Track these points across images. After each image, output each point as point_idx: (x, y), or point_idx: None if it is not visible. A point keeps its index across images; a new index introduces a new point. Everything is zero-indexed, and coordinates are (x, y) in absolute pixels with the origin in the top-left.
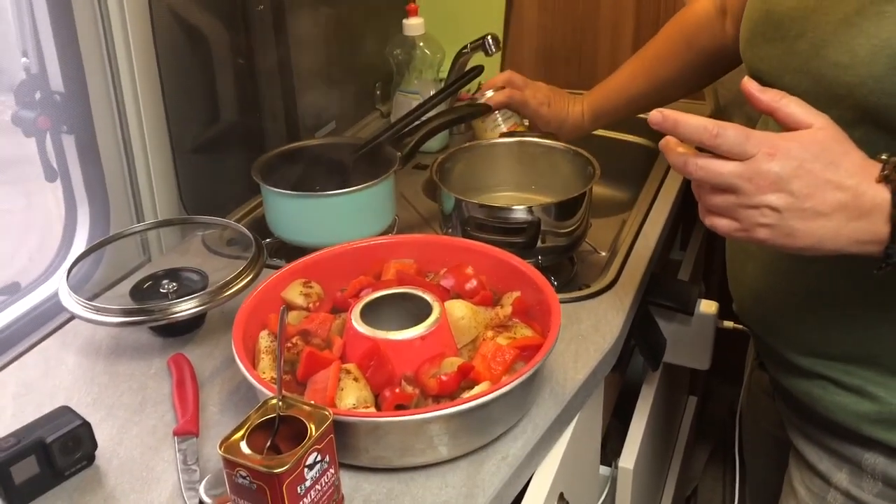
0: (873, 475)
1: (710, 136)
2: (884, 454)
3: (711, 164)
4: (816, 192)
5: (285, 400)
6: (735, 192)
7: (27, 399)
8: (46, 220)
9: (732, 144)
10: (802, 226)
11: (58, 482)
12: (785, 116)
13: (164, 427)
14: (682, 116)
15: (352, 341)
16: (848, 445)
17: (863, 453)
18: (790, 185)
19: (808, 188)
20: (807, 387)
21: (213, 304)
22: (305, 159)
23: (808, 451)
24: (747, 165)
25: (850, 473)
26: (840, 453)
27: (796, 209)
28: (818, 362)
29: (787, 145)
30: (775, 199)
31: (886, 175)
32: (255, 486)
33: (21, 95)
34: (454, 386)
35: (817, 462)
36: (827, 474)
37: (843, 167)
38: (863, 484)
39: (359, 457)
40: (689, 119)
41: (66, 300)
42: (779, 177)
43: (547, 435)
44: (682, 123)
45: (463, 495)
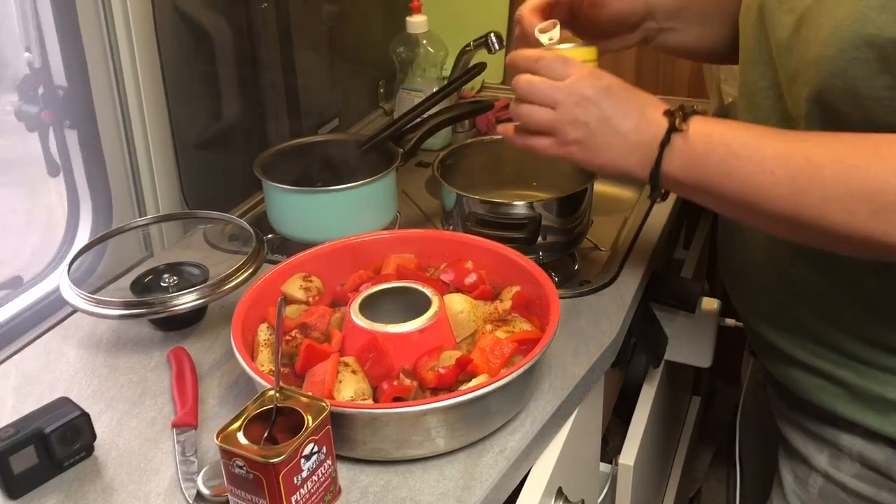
0: (850, 456)
1: (533, 59)
2: (860, 435)
3: (537, 80)
4: (618, 113)
5: (283, 391)
6: (554, 107)
7: (28, 391)
8: (49, 216)
9: (552, 67)
10: (604, 141)
11: (56, 472)
12: None
13: (162, 419)
14: (521, 50)
15: (351, 334)
16: (827, 428)
17: (840, 435)
18: (600, 102)
19: (613, 108)
20: (787, 370)
21: (213, 297)
22: (307, 155)
23: (793, 437)
24: (566, 83)
25: (829, 456)
26: (820, 436)
27: (602, 126)
28: (795, 344)
29: (599, 73)
30: (585, 114)
31: (671, 111)
32: (252, 475)
33: (24, 90)
34: (452, 379)
35: (801, 447)
36: (809, 458)
37: (641, 96)
38: (841, 465)
39: (356, 449)
40: (521, 51)
41: (67, 293)
42: (589, 97)
43: (545, 429)
44: (516, 54)
45: (460, 487)
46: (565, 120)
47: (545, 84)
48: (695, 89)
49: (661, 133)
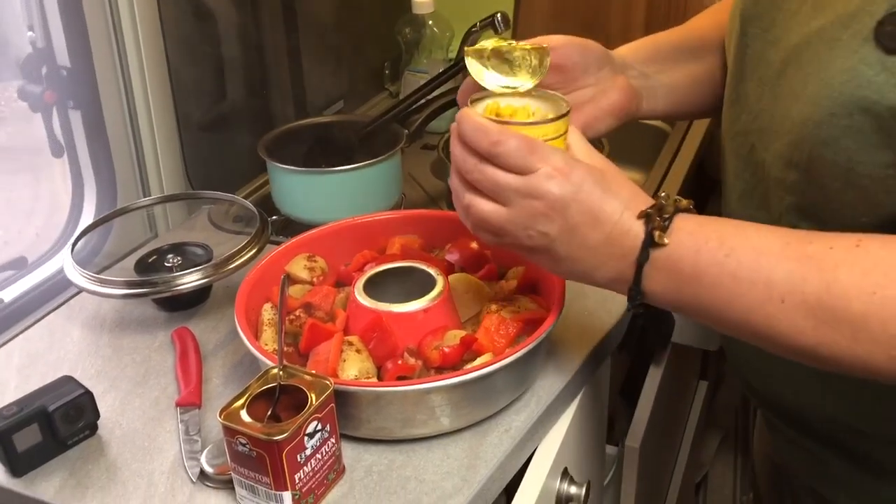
0: None
1: (488, 143)
2: None
3: (489, 169)
4: (586, 223)
5: (286, 369)
6: (508, 206)
7: (31, 371)
8: (53, 197)
9: (514, 157)
10: (568, 254)
11: (60, 451)
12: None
13: (166, 399)
14: (466, 118)
15: (355, 314)
16: None
17: None
18: (566, 210)
19: (581, 216)
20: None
21: (217, 276)
22: (312, 136)
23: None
24: (527, 181)
25: None
26: None
27: (566, 238)
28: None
29: (570, 167)
30: (547, 225)
31: (648, 214)
32: (255, 453)
33: (27, 70)
34: (457, 358)
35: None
36: None
37: (617, 198)
38: None
39: (360, 427)
40: (471, 120)
41: (70, 273)
42: (556, 200)
43: (551, 409)
44: (465, 124)
45: (465, 466)
46: (519, 224)
47: (499, 177)
48: None
49: (637, 247)
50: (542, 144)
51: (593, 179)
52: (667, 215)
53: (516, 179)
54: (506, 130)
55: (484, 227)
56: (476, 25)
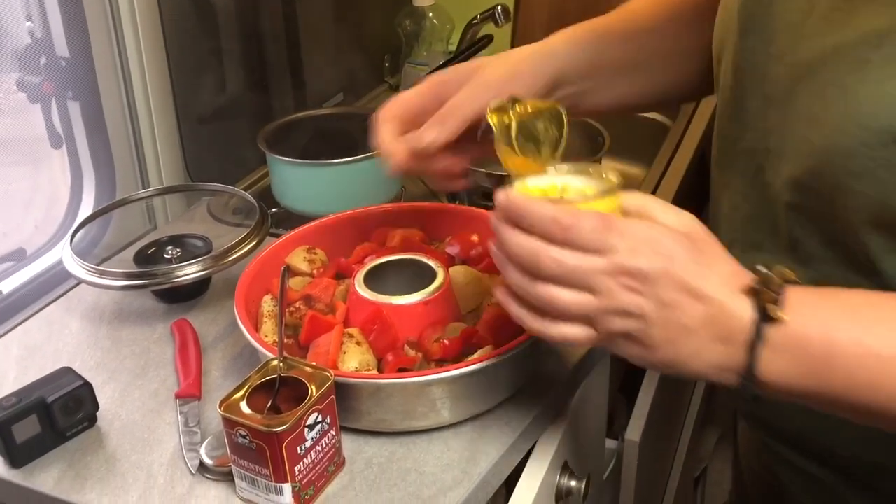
0: None
1: (560, 228)
2: None
3: (567, 255)
4: (684, 301)
5: (286, 361)
6: (594, 292)
7: (30, 362)
8: (52, 189)
9: (590, 239)
10: (664, 337)
11: (59, 442)
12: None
13: (166, 391)
14: (528, 203)
15: (355, 306)
16: None
17: None
18: (657, 286)
19: (676, 293)
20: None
21: (217, 268)
22: (312, 129)
23: None
24: (610, 260)
25: None
26: None
27: (661, 317)
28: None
29: (656, 237)
30: (640, 302)
31: (756, 290)
32: (255, 445)
33: (26, 60)
34: (457, 350)
35: None
36: None
37: (715, 272)
38: None
39: (360, 420)
40: (535, 206)
41: (69, 264)
42: (645, 276)
43: (551, 403)
44: (527, 212)
45: (465, 459)
46: (609, 310)
47: (583, 264)
48: None
49: (747, 325)
50: (617, 218)
51: (685, 249)
52: (776, 288)
53: (600, 261)
54: (577, 211)
55: (571, 319)
56: (476, 18)
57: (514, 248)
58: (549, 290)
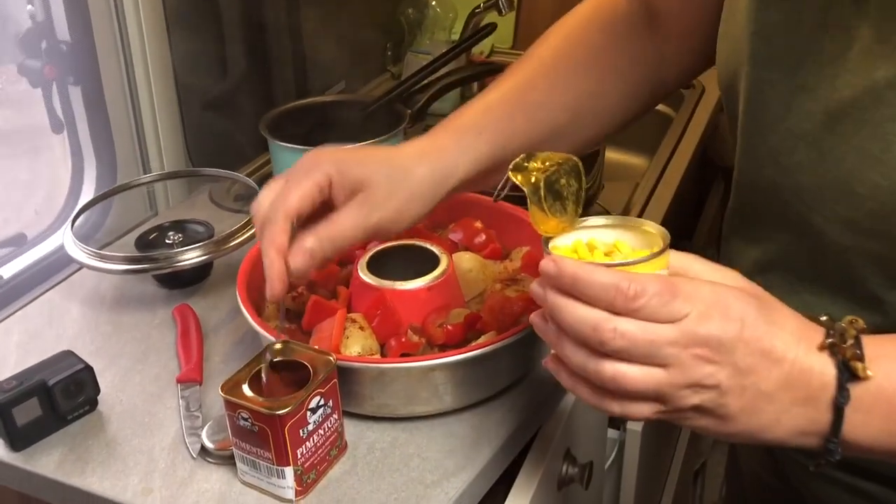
0: None
1: (625, 298)
2: None
3: (636, 330)
4: (760, 365)
5: (289, 345)
6: (664, 366)
7: (30, 347)
8: (53, 174)
9: (657, 306)
10: (741, 407)
11: (60, 426)
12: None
13: (167, 375)
14: (583, 271)
15: (358, 292)
16: None
17: None
18: (733, 353)
19: (752, 358)
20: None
21: (219, 253)
22: (314, 116)
23: None
24: (681, 328)
25: None
26: None
27: (737, 385)
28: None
29: (725, 300)
30: (714, 372)
31: (831, 344)
32: (257, 427)
33: (27, 45)
34: (460, 336)
35: None
36: None
37: (786, 330)
38: None
39: (363, 405)
40: (593, 275)
41: (70, 248)
42: (720, 343)
43: (554, 389)
44: (584, 281)
45: (468, 445)
46: (682, 384)
47: (650, 335)
48: None
49: (831, 384)
50: (682, 282)
51: (755, 310)
52: (853, 340)
53: (670, 330)
54: (639, 278)
55: (638, 397)
56: (480, 6)
57: (571, 322)
58: (614, 367)
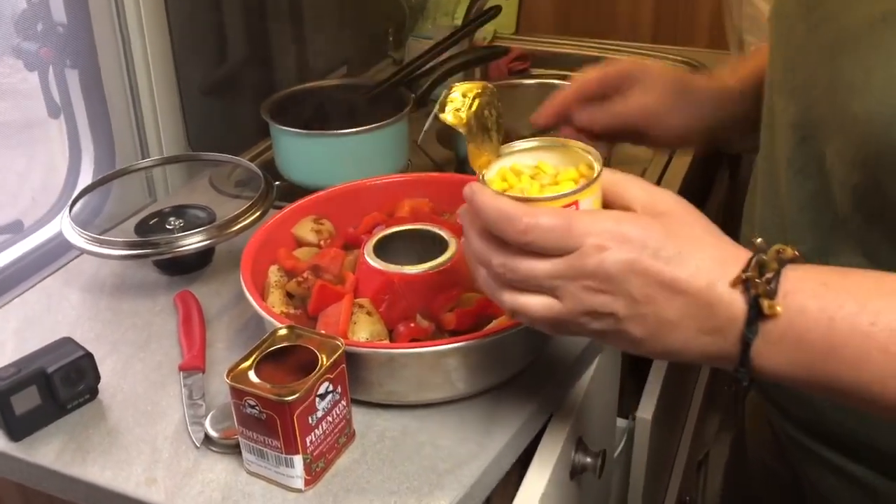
0: None
1: (515, 231)
2: None
3: (520, 264)
4: (659, 295)
5: (294, 330)
6: (556, 297)
7: (29, 334)
8: (50, 160)
9: (548, 241)
10: (645, 334)
11: (60, 415)
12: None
13: (169, 363)
14: (481, 196)
15: (365, 276)
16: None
17: None
18: (626, 284)
19: (648, 288)
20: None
21: (221, 238)
22: (316, 100)
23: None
24: (568, 262)
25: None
26: None
27: (635, 314)
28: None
29: (623, 231)
30: (608, 303)
31: (746, 278)
32: (265, 415)
33: (22, 26)
34: (471, 321)
35: None
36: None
37: (695, 260)
38: None
39: (371, 392)
40: (488, 201)
41: (69, 233)
42: (608, 275)
43: (567, 375)
44: (483, 209)
45: (480, 433)
46: (578, 312)
47: (537, 269)
48: (716, 39)
49: (739, 319)
50: (580, 215)
51: (656, 238)
52: (771, 274)
53: (558, 265)
54: (533, 210)
55: (539, 324)
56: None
57: (475, 251)
58: (513, 298)
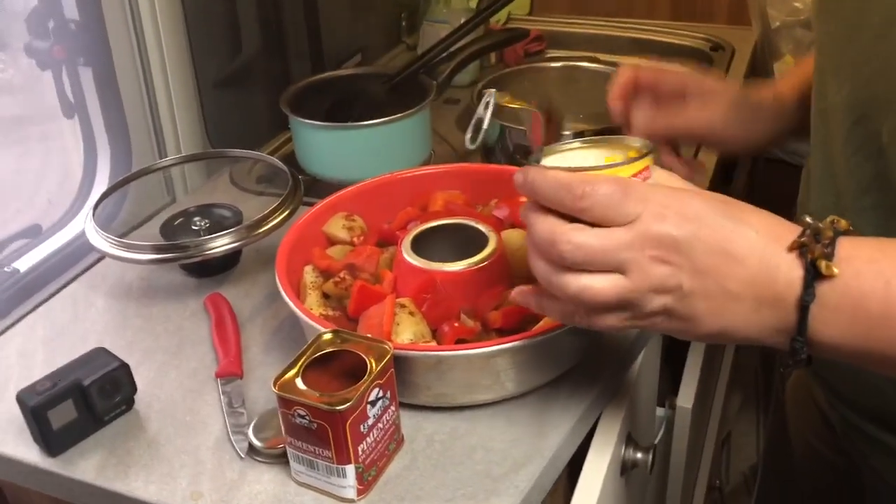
0: None
1: (573, 197)
2: None
3: (589, 238)
4: (722, 263)
5: (339, 334)
6: (624, 272)
7: (58, 343)
8: (65, 161)
9: (607, 206)
10: (707, 308)
11: (97, 427)
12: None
13: (205, 369)
14: (539, 174)
15: (404, 275)
16: None
17: None
18: (690, 252)
19: (712, 257)
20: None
21: (250, 239)
22: (335, 91)
23: None
24: (633, 231)
25: None
26: None
27: (701, 286)
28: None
29: (682, 199)
30: (674, 275)
31: (802, 243)
32: (316, 425)
33: (33, 24)
34: (517, 319)
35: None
36: None
37: (752, 228)
38: None
39: (418, 395)
40: (546, 176)
41: (93, 238)
42: (675, 242)
43: (615, 371)
44: (539, 184)
45: (532, 434)
46: (644, 288)
47: (604, 241)
48: (736, 15)
49: (797, 283)
50: (636, 183)
51: (714, 209)
52: (827, 241)
53: (620, 234)
54: (590, 177)
55: (603, 308)
56: None
57: (535, 237)
58: (578, 280)
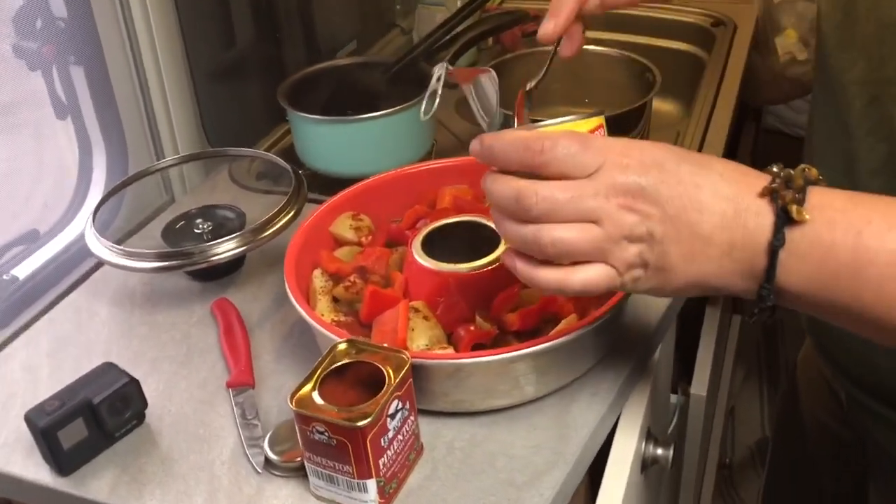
0: None
1: (532, 153)
2: None
3: (554, 189)
4: (692, 208)
5: (355, 344)
6: (595, 220)
7: (63, 355)
8: (59, 163)
9: (567, 158)
10: (681, 253)
11: (108, 444)
12: None
13: (215, 379)
14: (496, 136)
15: (416, 277)
16: None
17: None
18: (658, 197)
19: (679, 200)
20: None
21: (256, 243)
22: (333, 82)
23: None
24: (597, 181)
25: None
26: None
27: (672, 231)
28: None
29: (641, 147)
30: (643, 222)
31: (773, 189)
32: (335, 441)
33: (20, 24)
34: (535, 320)
35: None
36: None
37: (716, 170)
38: None
39: (436, 402)
40: (504, 136)
41: (94, 246)
42: (641, 188)
43: (634, 368)
44: (497, 146)
45: (554, 437)
46: (617, 236)
47: (570, 190)
48: None
49: (766, 227)
50: (594, 136)
51: (675, 156)
52: (798, 188)
53: (589, 183)
54: (550, 132)
55: (580, 259)
56: None
57: (499, 197)
58: (551, 232)
